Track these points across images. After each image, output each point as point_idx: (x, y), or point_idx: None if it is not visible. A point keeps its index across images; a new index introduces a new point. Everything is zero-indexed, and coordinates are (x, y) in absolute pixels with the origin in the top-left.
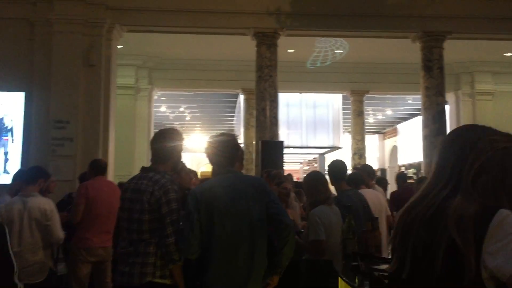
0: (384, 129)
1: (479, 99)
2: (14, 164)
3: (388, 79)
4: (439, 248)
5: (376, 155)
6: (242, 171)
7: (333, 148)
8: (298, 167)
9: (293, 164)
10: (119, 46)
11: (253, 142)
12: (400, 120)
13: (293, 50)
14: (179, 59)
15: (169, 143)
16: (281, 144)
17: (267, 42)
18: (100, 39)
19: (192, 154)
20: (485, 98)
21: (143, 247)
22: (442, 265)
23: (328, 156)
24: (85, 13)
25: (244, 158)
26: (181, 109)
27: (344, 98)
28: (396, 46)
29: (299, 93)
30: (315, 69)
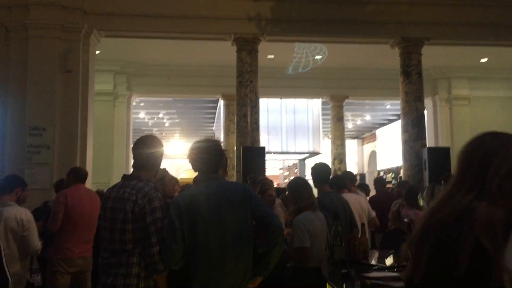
0: (363, 134)
1: (456, 104)
2: None
3: (368, 85)
4: (464, 251)
5: (355, 160)
6: (225, 178)
7: (313, 154)
8: (278, 173)
9: (273, 170)
10: (97, 52)
11: (234, 148)
12: (379, 126)
13: (273, 56)
14: (158, 65)
15: (153, 149)
16: (263, 150)
17: (248, 48)
18: (78, 45)
19: (172, 161)
20: (462, 103)
21: (126, 258)
22: (467, 267)
23: (308, 162)
24: (62, 18)
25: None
26: (160, 115)
27: (324, 104)
28: (375, 52)
29: (279, 99)
30: (295, 75)
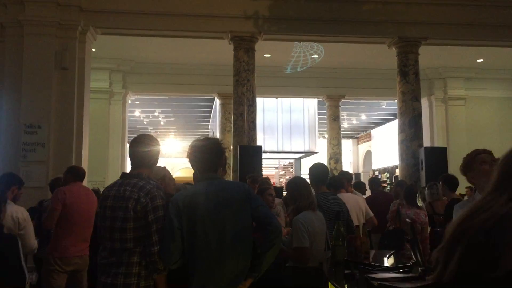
0: (358, 134)
1: (452, 104)
2: None
3: (364, 84)
4: (507, 253)
5: (350, 160)
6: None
7: (309, 153)
8: (274, 172)
9: (269, 169)
10: (93, 50)
11: (231, 147)
12: (374, 125)
13: (269, 55)
14: (154, 63)
15: (151, 147)
16: (260, 149)
17: (245, 46)
18: (74, 42)
19: (166, 159)
20: (458, 103)
21: (127, 257)
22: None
23: (304, 161)
24: (58, 15)
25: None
26: (156, 114)
27: (320, 103)
28: (371, 52)
29: (275, 98)
30: (291, 74)
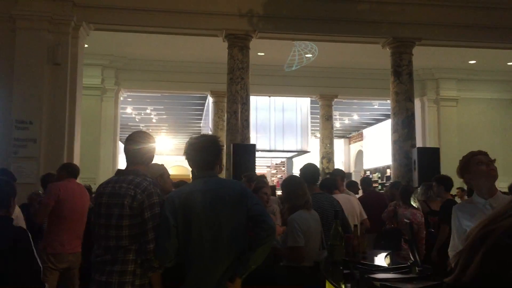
0: (350, 134)
1: (444, 105)
2: None
3: (357, 84)
4: None
5: (342, 159)
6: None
7: (301, 152)
8: (266, 171)
9: (261, 168)
10: (85, 45)
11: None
12: (366, 125)
13: (263, 54)
14: (147, 60)
15: (146, 145)
16: (253, 148)
17: (239, 44)
18: (66, 37)
19: (158, 157)
20: (450, 104)
21: (122, 255)
22: None
23: (296, 160)
24: (51, 10)
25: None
26: (148, 111)
27: (312, 102)
28: (365, 52)
29: (268, 97)
30: (285, 73)
